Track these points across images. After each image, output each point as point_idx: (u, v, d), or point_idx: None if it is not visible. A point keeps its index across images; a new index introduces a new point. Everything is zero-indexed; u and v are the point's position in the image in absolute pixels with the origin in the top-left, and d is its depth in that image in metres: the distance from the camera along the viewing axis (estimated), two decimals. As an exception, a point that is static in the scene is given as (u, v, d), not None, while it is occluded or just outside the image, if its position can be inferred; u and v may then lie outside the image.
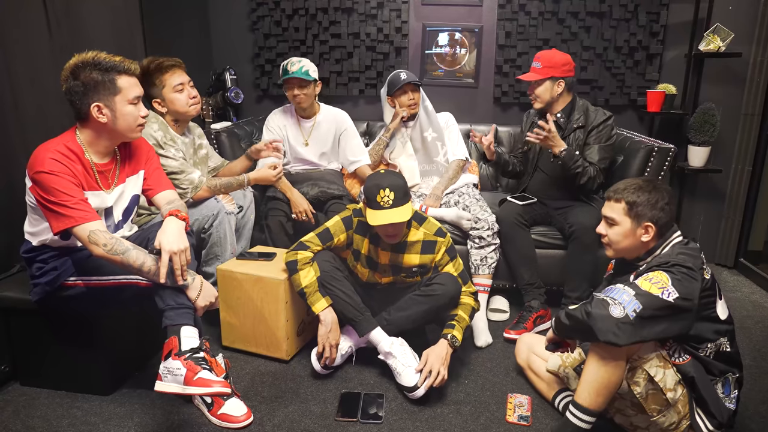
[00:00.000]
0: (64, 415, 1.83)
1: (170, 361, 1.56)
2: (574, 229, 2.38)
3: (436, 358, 1.92)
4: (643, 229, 1.64)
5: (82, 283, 1.75)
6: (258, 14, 3.36)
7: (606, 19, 3.15)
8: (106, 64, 1.63)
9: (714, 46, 2.94)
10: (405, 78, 2.74)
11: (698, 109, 3.03)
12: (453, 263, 2.10)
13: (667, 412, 1.56)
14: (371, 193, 1.92)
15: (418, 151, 2.87)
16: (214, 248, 2.25)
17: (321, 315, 2.00)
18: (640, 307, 1.44)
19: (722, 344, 1.61)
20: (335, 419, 1.82)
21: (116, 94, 1.65)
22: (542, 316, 2.43)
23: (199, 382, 1.52)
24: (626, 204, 1.66)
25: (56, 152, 1.60)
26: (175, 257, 1.61)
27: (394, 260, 2.11)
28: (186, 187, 2.20)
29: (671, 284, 1.47)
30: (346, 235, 2.10)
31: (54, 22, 2.13)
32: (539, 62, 2.50)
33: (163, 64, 2.20)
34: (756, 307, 2.76)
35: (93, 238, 1.59)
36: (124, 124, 1.69)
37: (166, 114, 2.24)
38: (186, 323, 1.63)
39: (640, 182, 1.68)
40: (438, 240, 2.08)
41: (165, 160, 2.15)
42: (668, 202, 1.64)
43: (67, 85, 1.63)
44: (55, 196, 1.57)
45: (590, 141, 2.46)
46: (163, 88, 2.19)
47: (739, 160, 3.16)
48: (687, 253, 1.57)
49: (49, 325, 1.90)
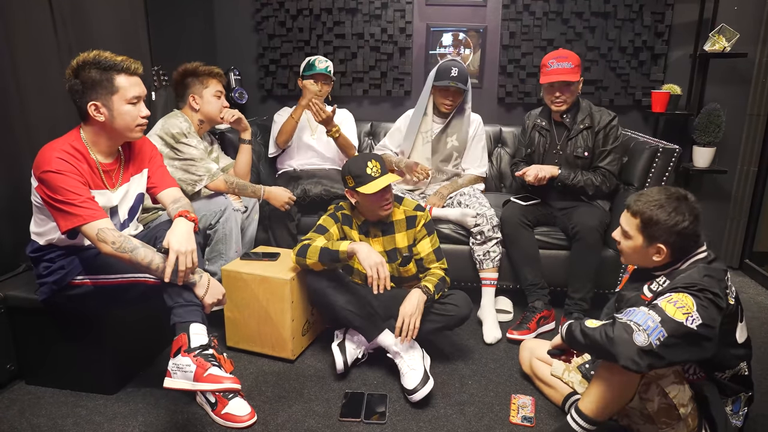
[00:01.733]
0: (69, 414, 1.83)
1: (180, 358, 1.56)
2: (577, 229, 2.37)
3: (409, 308, 1.95)
4: (654, 249, 1.54)
5: (89, 281, 1.76)
6: (262, 14, 3.37)
7: (611, 19, 3.15)
8: (105, 63, 1.64)
9: (719, 47, 2.93)
10: (453, 76, 2.55)
11: (703, 109, 3.02)
12: (430, 238, 2.17)
13: (677, 425, 1.53)
14: (359, 168, 1.99)
15: (435, 153, 2.75)
16: (218, 245, 2.26)
17: (350, 248, 1.93)
18: (665, 336, 1.36)
19: (741, 369, 1.57)
20: (339, 419, 1.82)
21: (114, 93, 1.65)
22: (546, 317, 2.43)
23: (210, 378, 1.53)
24: (641, 221, 1.53)
25: (62, 151, 1.61)
26: (181, 257, 1.61)
27: (388, 245, 2.15)
28: (202, 175, 2.28)
29: (696, 310, 1.39)
30: (336, 227, 2.15)
31: (60, 22, 2.14)
32: (569, 62, 2.38)
33: (213, 70, 2.39)
34: (761, 308, 2.75)
35: (101, 236, 1.59)
36: (122, 123, 1.69)
37: (198, 112, 2.37)
38: (195, 320, 1.64)
39: (663, 197, 1.52)
40: (417, 214, 2.17)
41: (186, 147, 2.26)
42: (690, 224, 1.48)
43: (69, 83, 1.64)
44: (63, 195, 1.57)
45: (598, 143, 2.45)
46: (206, 88, 2.36)
47: (745, 161, 3.14)
48: (712, 276, 1.46)
49: (54, 325, 1.91)
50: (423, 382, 1.89)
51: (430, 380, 1.91)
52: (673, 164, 2.39)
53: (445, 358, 2.21)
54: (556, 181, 2.46)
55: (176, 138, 2.23)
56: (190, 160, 2.26)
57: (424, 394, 1.87)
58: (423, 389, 1.87)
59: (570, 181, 2.42)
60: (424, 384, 1.88)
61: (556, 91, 2.44)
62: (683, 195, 1.53)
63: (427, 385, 1.88)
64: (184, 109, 2.37)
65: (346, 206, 2.19)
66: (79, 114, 1.69)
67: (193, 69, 2.35)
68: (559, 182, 2.45)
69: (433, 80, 2.64)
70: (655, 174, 2.40)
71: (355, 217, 2.16)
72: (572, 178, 2.42)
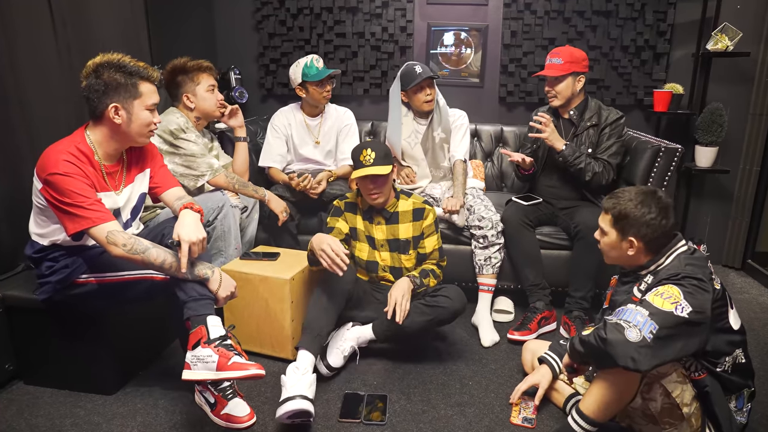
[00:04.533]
0: (68, 414, 1.83)
1: (200, 350, 1.57)
2: (579, 228, 2.36)
3: (398, 292, 1.99)
4: (628, 243, 1.59)
5: (94, 280, 1.76)
6: (263, 13, 3.36)
7: (612, 18, 3.13)
8: (130, 68, 1.67)
9: (722, 46, 2.92)
10: (421, 72, 2.55)
11: (705, 109, 3.00)
12: (436, 236, 2.22)
13: (680, 425, 1.52)
14: (356, 154, 2.06)
15: (427, 152, 2.75)
16: (217, 242, 2.24)
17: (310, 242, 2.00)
18: (656, 328, 1.38)
19: (738, 356, 1.57)
20: (338, 420, 1.81)
21: (136, 98, 1.67)
22: (547, 317, 2.42)
23: (234, 366, 1.55)
24: (612, 216, 1.61)
25: (68, 153, 1.61)
26: (194, 247, 1.63)
27: (391, 233, 2.18)
28: (204, 171, 2.28)
29: (683, 298, 1.41)
30: (341, 221, 2.18)
31: (59, 21, 2.14)
32: (560, 57, 2.42)
33: (203, 65, 2.35)
34: (764, 309, 2.73)
35: (111, 239, 1.59)
36: (137, 128, 1.71)
37: (193, 110, 2.35)
38: (210, 313, 1.65)
39: (633, 193, 1.60)
40: (426, 207, 2.20)
41: (186, 143, 2.25)
42: (657, 216, 1.55)
43: (88, 81, 1.64)
44: (70, 197, 1.57)
45: (603, 138, 2.45)
46: (197, 85, 2.32)
47: (747, 161, 3.13)
48: (695, 264, 1.51)
49: (53, 324, 1.90)
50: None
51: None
52: (675, 164, 2.38)
53: (445, 359, 2.20)
54: (559, 155, 2.44)
55: (174, 134, 2.23)
56: (190, 156, 2.26)
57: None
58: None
59: (572, 158, 2.41)
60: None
61: (546, 86, 2.51)
62: (652, 191, 1.61)
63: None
64: (180, 107, 2.36)
65: (350, 195, 2.24)
66: (91, 113, 1.68)
67: (181, 65, 2.31)
68: (561, 157, 2.44)
69: (403, 87, 2.63)
70: (657, 174, 2.39)
71: (360, 204, 2.20)
72: (575, 157, 2.41)
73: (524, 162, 2.53)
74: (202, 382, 1.60)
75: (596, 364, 1.59)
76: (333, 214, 2.21)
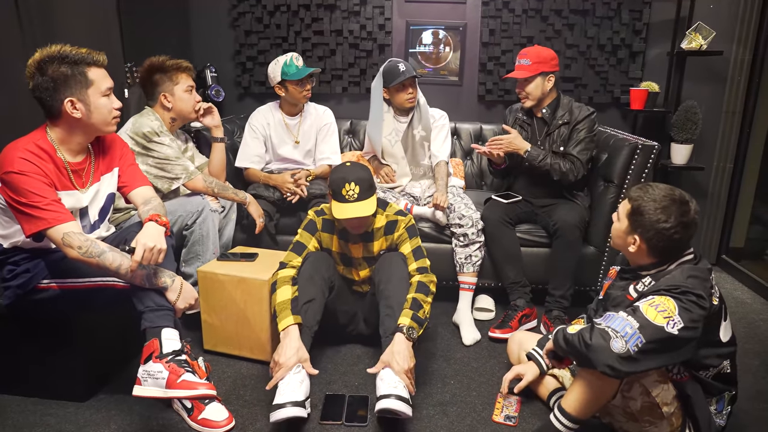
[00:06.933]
0: (37, 423, 1.76)
1: (151, 365, 1.52)
2: (558, 226, 2.37)
3: (398, 368, 1.73)
4: (632, 239, 1.55)
5: (56, 285, 1.70)
6: (239, 10, 3.31)
7: (589, 16, 3.16)
8: (74, 57, 1.58)
9: (696, 45, 2.96)
10: (404, 71, 2.55)
11: (681, 107, 3.04)
12: (411, 241, 2.07)
13: (660, 424, 1.52)
14: (337, 186, 1.92)
15: (407, 150, 2.75)
16: (195, 247, 2.20)
17: (282, 333, 1.82)
18: (642, 342, 1.35)
19: (724, 367, 1.56)
20: (319, 422, 1.78)
21: (89, 87, 1.60)
22: (528, 315, 2.42)
23: (183, 384, 1.49)
24: (632, 207, 1.55)
25: (26, 151, 1.54)
26: (148, 254, 1.56)
27: (366, 251, 2.13)
28: (179, 174, 2.23)
29: (677, 313, 1.37)
30: (314, 240, 2.10)
31: (25, 18, 2.06)
32: (527, 59, 2.44)
33: (182, 64, 2.29)
34: (738, 303, 2.78)
35: (67, 241, 1.54)
36: (99, 117, 1.65)
37: (171, 110, 2.29)
38: (166, 325, 1.60)
39: (661, 194, 1.51)
40: (399, 219, 2.10)
41: (160, 146, 2.20)
42: (672, 228, 1.47)
43: (35, 81, 1.57)
44: (26, 197, 1.51)
45: (574, 134, 2.47)
46: (176, 85, 2.26)
47: (721, 158, 3.19)
48: (697, 276, 1.45)
49: (20, 330, 1.84)
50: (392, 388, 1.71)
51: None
52: (652, 161, 2.40)
53: (426, 358, 2.19)
54: (525, 161, 2.47)
55: (148, 137, 2.17)
56: (164, 160, 2.20)
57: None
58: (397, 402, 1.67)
59: (537, 162, 2.42)
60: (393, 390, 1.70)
61: (517, 87, 2.53)
62: (683, 200, 1.50)
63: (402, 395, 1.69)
64: (155, 108, 2.29)
65: (327, 210, 2.13)
66: (47, 113, 1.62)
67: (159, 64, 2.24)
68: (527, 162, 2.45)
69: (385, 84, 2.63)
70: (634, 171, 2.41)
71: (337, 223, 2.10)
72: (540, 159, 2.42)
73: (492, 154, 2.50)
74: (150, 399, 1.55)
75: (577, 363, 1.59)
76: (307, 228, 2.11)
